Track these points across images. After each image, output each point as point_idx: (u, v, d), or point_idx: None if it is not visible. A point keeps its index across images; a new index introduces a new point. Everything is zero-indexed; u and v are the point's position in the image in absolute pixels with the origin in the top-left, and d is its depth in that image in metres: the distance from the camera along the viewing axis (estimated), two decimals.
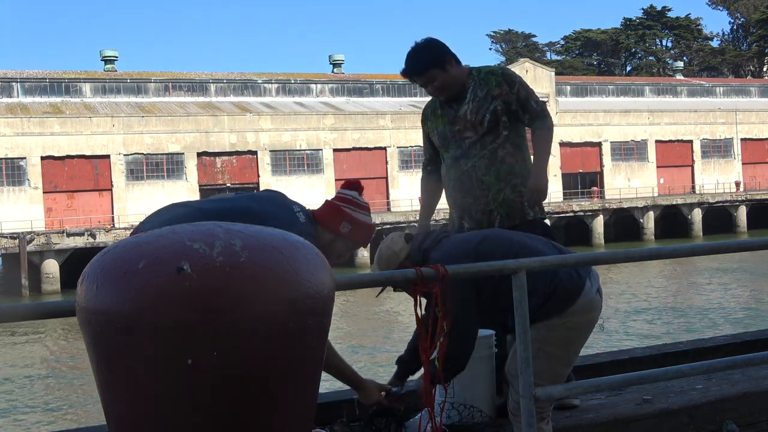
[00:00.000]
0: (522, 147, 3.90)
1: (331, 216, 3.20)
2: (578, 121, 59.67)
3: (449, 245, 3.27)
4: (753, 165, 65.70)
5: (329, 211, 3.22)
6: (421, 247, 3.32)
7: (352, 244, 3.24)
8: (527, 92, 3.88)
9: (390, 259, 3.36)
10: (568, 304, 3.08)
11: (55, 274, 39.25)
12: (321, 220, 3.20)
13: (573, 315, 3.09)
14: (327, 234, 3.17)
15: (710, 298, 24.81)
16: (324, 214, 3.22)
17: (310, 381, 1.73)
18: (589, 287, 3.14)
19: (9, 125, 45.73)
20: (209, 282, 1.55)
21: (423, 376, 2.92)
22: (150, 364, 1.56)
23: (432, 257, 3.21)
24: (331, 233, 3.18)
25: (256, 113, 51.52)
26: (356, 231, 3.20)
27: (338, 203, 3.25)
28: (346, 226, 3.18)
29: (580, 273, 3.15)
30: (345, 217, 3.20)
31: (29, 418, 14.17)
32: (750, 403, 3.86)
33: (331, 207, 3.24)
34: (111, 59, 56.15)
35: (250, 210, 3.19)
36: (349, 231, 3.19)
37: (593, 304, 3.15)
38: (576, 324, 3.11)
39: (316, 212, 3.24)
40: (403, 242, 3.37)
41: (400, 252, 3.34)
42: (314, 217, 3.20)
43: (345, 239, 3.19)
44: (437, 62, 3.80)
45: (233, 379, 1.57)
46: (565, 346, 3.11)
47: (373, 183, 53.25)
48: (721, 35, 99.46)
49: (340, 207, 3.22)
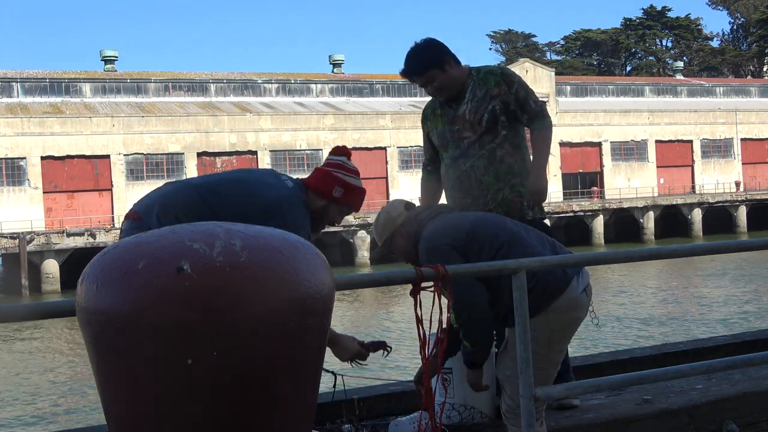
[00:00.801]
0: (521, 147, 3.90)
1: (323, 181, 3.26)
2: (578, 121, 59.67)
3: (443, 221, 3.27)
4: (753, 165, 65.70)
5: (320, 176, 3.28)
6: (418, 216, 3.34)
7: (345, 208, 3.32)
8: (526, 92, 3.87)
9: (387, 223, 3.40)
10: (550, 301, 3.05)
11: (55, 274, 39.25)
12: (312, 186, 3.26)
13: (555, 312, 3.06)
14: (319, 200, 3.24)
15: (710, 298, 24.81)
16: (315, 180, 3.28)
17: (310, 381, 1.73)
18: (575, 285, 3.11)
19: (9, 125, 45.74)
20: (209, 282, 1.55)
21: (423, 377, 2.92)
22: (150, 364, 1.56)
23: (425, 230, 3.24)
24: (323, 198, 3.24)
25: (256, 113, 51.53)
26: (349, 195, 3.28)
27: (329, 169, 3.30)
28: (338, 190, 3.25)
29: (567, 271, 3.12)
30: (337, 182, 3.26)
31: (29, 419, 14.16)
32: (750, 403, 3.86)
33: (321, 173, 3.29)
34: (111, 59, 56.16)
35: (240, 179, 3.28)
36: (341, 195, 3.26)
37: (577, 302, 3.12)
38: (557, 322, 3.08)
39: (307, 180, 3.31)
40: (402, 209, 3.40)
41: (397, 218, 3.37)
42: (305, 185, 3.26)
43: (338, 204, 3.27)
44: (436, 62, 3.80)
45: (233, 379, 1.57)
46: (548, 345, 3.07)
47: (373, 183, 53.25)
48: (721, 35, 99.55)
49: (331, 172, 3.28)
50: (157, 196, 3.22)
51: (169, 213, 3.12)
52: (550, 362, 3.12)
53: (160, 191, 3.27)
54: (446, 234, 3.16)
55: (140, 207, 3.22)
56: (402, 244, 3.36)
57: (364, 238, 45.46)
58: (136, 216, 3.18)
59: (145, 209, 3.19)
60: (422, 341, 2.83)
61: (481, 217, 3.36)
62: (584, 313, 3.18)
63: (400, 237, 3.36)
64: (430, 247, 3.16)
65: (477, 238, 3.13)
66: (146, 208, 3.19)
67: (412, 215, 3.36)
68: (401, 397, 3.95)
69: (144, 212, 3.17)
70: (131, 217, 3.21)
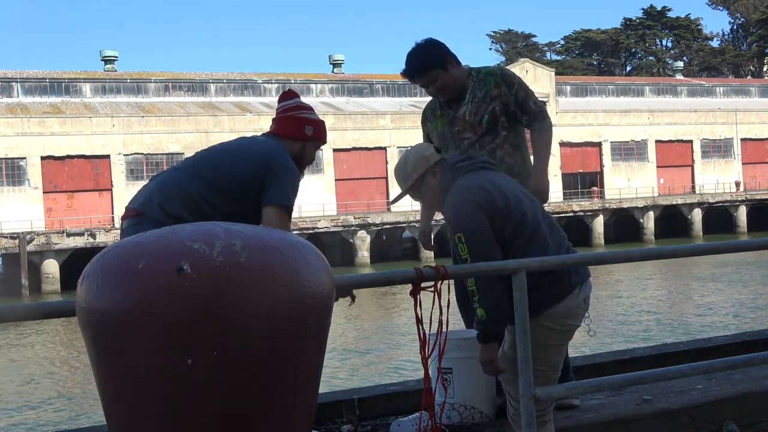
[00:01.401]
0: (521, 147, 3.90)
1: (293, 125, 3.42)
2: (578, 121, 59.67)
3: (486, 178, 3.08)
4: (753, 165, 65.69)
5: (288, 122, 3.43)
6: (456, 164, 3.15)
7: (318, 143, 3.48)
8: (526, 93, 3.87)
9: (419, 161, 3.19)
10: (547, 307, 3.01)
11: (55, 274, 39.24)
12: (284, 133, 3.40)
13: (549, 318, 3.02)
14: (294, 144, 3.38)
15: (710, 298, 24.81)
16: (284, 127, 3.42)
17: (310, 381, 1.73)
18: (576, 294, 3.07)
19: (9, 125, 45.74)
20: (209, 282, 1.55)
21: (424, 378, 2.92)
22: (150, 364, 1.56)
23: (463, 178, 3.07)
24: (298, 140, 3.40)
25: (256, 113, 51.52)
26: (318, 129, 3.47)
27: (292, 113, 3.45)
28: (309, 128, 3.43)
29: (572, 279, 3.07)
30: (305, 121, 3.43)
31: (30, 419, 14.17)
32: (750, 403, 3.86)
33: (288, 119, 3.44)
34: (111, 59, 56.16)
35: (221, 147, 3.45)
36: (313, 132, 3.44)
37: (574, 312, 3.07)
38: (552, 328, 3.03)
39: (275, 130, 3.43)
40: (433, 150, 3.22)
41: (430, 157, 3.18)
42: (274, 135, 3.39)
43: (312, 141, 3.44)
44: (439, 62, 3.79)
45: (233, 379, 1.57)
46: (544, 348, 3.02)
47: (373, 183, 53.26)
48: (721, 35, 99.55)
49: (295, 115, 3.44)
50: (152, 189, 3.26)
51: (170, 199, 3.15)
52: (549, 365, 3.08)
53: (150, 185, 3.32)
54: (483, 193, 3.00)
55: (137, 203, 3.24)
56: (434, 184, 3.16)
57: (364, 238, 45.45)
58: (136, 213, 3.19)
59: (144, 203, 3.21)
60: (422, 341, 2.83)
61: (520, 194, 3.13)
62: (580, 322, 3.11)
63: (432, 177, 3.17)
64: (463, 198, 2.98)
65: (507, 213, 2.99)
66: (145, 201, 3.21)
67: (450, 161, 3.19)
68: (401, 397, 3.95)
69: (144, 206, 3.19)
70: (131, 215, 3.22)
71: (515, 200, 3.05)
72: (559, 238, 3.15)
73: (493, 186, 3.05)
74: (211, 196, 3.17)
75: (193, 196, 3.16)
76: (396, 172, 3.27)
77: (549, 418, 3.14)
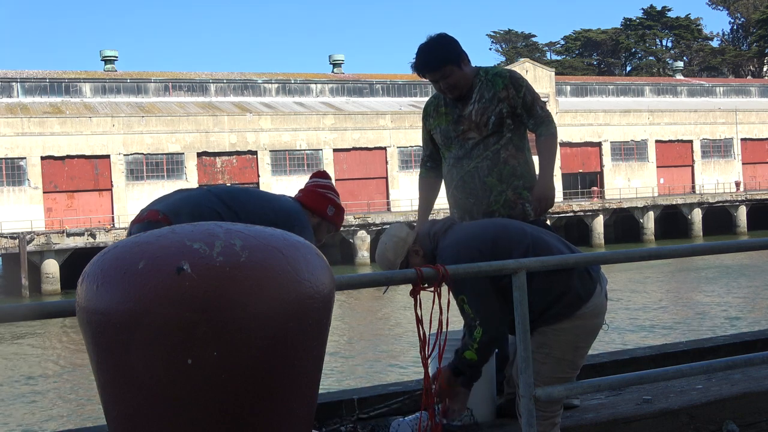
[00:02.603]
0: (524, 149, 3.88)
1: (319, 200, 3.55)
2: (578, 121, 59.68)
3: (463, 233, 3.19)
4: (753, 165, 65.70)
5: (315, 196, 3.56)
6: (430, 231, 3.26)
7: (332, 227, 3.60)
8: (533, 97, 3.85)
9: (398, 246, 3.26)
10: (578, 307, 3.06)
11: (55, 274, 39.25)
12: (308, 204, 3.52)
13: (581, 318, 3.07)
14: (314, 218, 3.50)
15: (710, 298, 24.81)
16: (310, 199, 3.55)
17: (310, 381, 1.73)
18: (599, 291, 3.13)
19: (9, 125, 45.73)
20: (209, 282, 1.55)
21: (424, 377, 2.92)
22: (150, 364, 1.56)
23: (443, 243, 3.16)
24: (318, 216, 3.52)
25: (256, 113, 51.51)
26: (338, 214, 3.59)
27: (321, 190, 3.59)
28: (331, 209, 3.56)
29: (593, 276, 3.13)
30: (330, 201, 3.56)
31: (30, 419, 14.17)
32: (750, 403, 3.86)
33: (316, 193, 3.57)
34: (111, 59, 56.16)
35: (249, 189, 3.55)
36: (333, 214, 3.57)
37: (600, 308, 3.14)
38: (583, 328, 3.10)
39: (302, 198, 3.55)
40: (408, 229, 3.32)
41: (407, 237, 3.26)
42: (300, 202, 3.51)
43: (329, 222, 3.56)
44: (454, 59, 3.75)
45: (233, 379, 1.57)
46: (573, 350, 3.09)
47: (373, 183, 53.26)
48: (721, 35, 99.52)
49: (324, 193, 3.58)
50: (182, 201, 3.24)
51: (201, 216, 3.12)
52: (574, 367, 3.15)
53: (181, 195, 3.31)
54: (471, 245, 3.09)
55: (165, 208, 3.20)
56: (418, 262, 3.20)
57: (363, 238, 45.45)
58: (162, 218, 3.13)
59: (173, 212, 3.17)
60: (422, 341, 2.83)
61: (499, 224, 3.28)
62: (603, 319, 3.19)
63: (415, 256, 3.24)
64: (457, 259, 3.03)
65: (503, 245, 3.08)
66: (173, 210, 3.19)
67: (423, 231, 3.27)
68: (401, 397, 3.94)
69: (171, 214, 3.16)
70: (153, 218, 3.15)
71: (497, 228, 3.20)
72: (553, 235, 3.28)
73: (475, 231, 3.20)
74: None
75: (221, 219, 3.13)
76: (379, 261, 3.30)
77: (558, 420, 3.17)
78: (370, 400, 3.90)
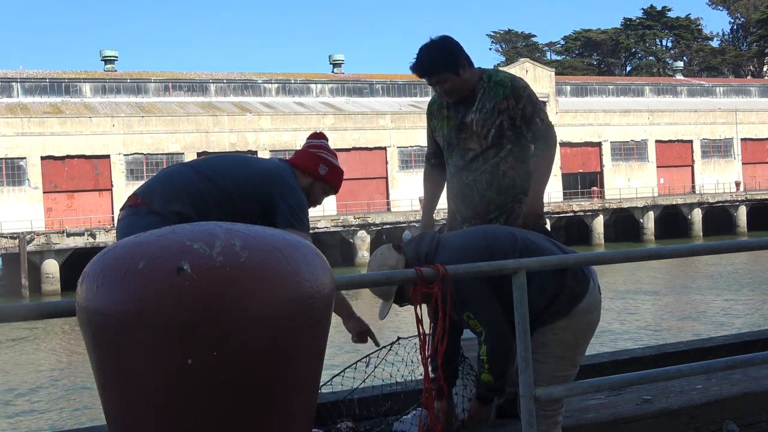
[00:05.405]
0: (525, 161, 3.83)
1: (309, 160, 3.45)
2: (578, 121, 59.67)
3: (455, 247, 3.13)
4: (753, 165, 65.70)
5: (305, 155, 3.47)
6: (418, 252, 3.14)
7: (328, 187, 3.50)
8: (534, 109, 3.77)
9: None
10: (575, 304, 3.08)
11: (55, 274, 39.24)
12: (298, 164, 3.44)
13: (578, 315, 3.09)
14: (305, 178, 3.41)
15: (710, 298, 24.81)
16: (300, 159, 3.46)
17: (310, 381, 1.73)
18: (593, 286, 3.15)
19: (9, 125, 45.73)
20: (209, 282, 1.55)
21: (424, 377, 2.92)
22: (150, 364, 1.56)
23: (439, 259, 3.08)
24: (309, 176, 3.43)
25: (256, 113, 51.52)
26: (332, 173, 3.48)
27: (313, 150, 3.50)
28: (323, 168, 3.45)
29: (585, 272, 3.15)
30: (322, 160, 3.46)
31: (30, 419, 14.16)
32: (750, 403, 3.85)
33: (306, 152, 3.49)
34: (111, 59, 56.16)
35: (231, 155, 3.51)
36: (326, 173, 3.46)
37: (596, 302, 3.16)
38: (581, 324, 3.11)
39: (291, 159, 3.47)
40: (395, 252, 3.16)
41: (397, 264, 3.12)
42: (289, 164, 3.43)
43: (322, 182, 3.46)
44: (451, 65, 3.71)
45: (233, 379, 1.57)
46: (573, 348, 3.10)
47: (373, 183, 53.25)
48: (721, 35, 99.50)
49: (315, 152, 3.48)
50: (156, 179, 3.28)
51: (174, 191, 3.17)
52: (574, 365, 3.16)
53: (158, 175, 3.36)
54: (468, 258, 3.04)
55: (140, 190, 3.26)
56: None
57: (363, 238, 45.44)
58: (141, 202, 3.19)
59: (146, 193, 3.22)
60: (422, 341, 2.83)
61: (489, 232, 3.23)
62: (600, 313, 3.20)
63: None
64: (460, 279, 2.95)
65: (496, 253, 3.06)
66: (147, 191, 3.23)
67: (410, 253, 3.15)
68: (401, 397, 3.94)
69: (145, 195, 3.21)
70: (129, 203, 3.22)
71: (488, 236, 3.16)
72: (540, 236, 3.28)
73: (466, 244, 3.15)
74: (214, 197, 3.18)
75: (199, 191, 3.17)
76: (374, 292, 3.18)
77: (560, 419, 3.18)
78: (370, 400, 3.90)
